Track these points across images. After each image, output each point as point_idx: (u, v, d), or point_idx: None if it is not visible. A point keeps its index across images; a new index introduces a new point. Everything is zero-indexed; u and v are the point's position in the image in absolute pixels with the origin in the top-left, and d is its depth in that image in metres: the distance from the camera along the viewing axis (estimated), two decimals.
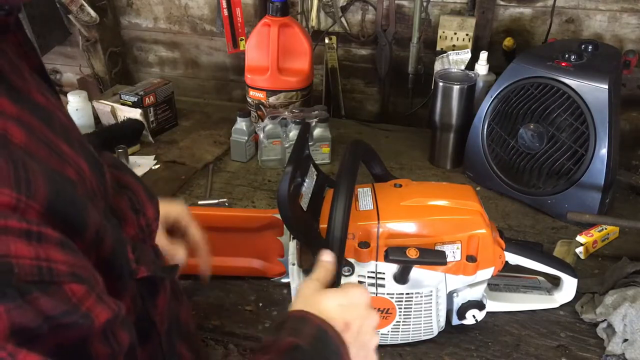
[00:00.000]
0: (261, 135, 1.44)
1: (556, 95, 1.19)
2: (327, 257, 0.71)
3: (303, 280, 0.74)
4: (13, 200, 0.36)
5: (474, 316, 0.92)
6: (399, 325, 0.90)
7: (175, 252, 0.84)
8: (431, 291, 0.88)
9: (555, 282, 1.01)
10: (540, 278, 1.04)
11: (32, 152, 0.40)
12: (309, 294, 0.65)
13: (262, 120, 1.49)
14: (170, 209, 0.85)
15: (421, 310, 0.89)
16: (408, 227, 0.86)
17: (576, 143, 1.18)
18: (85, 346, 0.40)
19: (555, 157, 1.21)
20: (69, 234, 0.40)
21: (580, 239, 1.13)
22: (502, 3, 1.59)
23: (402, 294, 0.88)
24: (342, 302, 0.64)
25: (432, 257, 0.83)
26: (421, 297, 0.88)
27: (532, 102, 1.22)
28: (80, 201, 0.43)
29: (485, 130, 1.32)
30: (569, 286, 0.98)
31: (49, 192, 0.39)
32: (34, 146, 0.41)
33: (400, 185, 0.93)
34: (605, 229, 1.16)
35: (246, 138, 1.47)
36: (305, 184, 0.87)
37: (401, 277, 0.86)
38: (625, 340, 0.90)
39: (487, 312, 0.98)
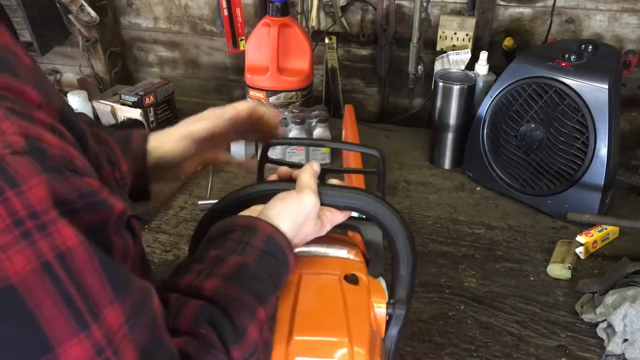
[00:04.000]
0: None
1: (556, 95, 1.19)
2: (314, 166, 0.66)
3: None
4: (39, 98, 0.41)
5: None
6: None
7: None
8: None
9: None
10: None
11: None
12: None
13: None
14: (239, 106, 0.79)
15: None
16: None
17: (576, 143, 1.18)
18: (106, 233, 0.45)
19: (555, 157, 1.21)
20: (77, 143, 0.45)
21: (580, 239, 1.13)
22: (502, 3, 1.59)
23: None
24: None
25: None
26: None
27: (532, 102, 1.22)
28: (80, 123, 0.48)
29: (485, 130, 1.32)
30: None
31: (60, 104, 0.44)
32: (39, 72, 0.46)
33: (357, 282, 0.65)
34: (605, 229, 1.16)
35: None
36: None
37: None
38: (625, 340, 0.90)
39: (487, 312, 0.98)
